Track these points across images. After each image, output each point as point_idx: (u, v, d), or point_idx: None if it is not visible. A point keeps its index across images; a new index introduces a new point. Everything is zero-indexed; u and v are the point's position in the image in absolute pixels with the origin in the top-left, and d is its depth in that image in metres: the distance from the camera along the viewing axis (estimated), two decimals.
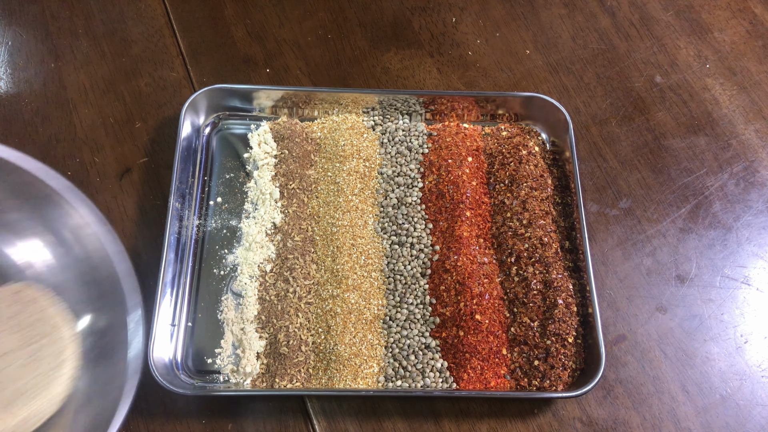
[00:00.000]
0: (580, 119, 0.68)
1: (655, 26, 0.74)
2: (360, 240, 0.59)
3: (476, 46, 0.72)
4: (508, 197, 0.61)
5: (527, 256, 0.57)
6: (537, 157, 0.62)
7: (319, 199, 0.61)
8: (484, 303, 0.55)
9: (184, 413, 0.54)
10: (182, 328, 0.56)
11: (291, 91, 0.64)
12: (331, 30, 0.73)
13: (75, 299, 0.48)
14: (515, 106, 0.65)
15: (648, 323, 0.58)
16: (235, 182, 0.63)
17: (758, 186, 0.65)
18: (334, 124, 0.65)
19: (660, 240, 0.62)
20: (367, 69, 0.71)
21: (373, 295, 0.57)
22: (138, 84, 0.68)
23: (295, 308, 0.56)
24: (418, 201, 0.61)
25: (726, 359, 0.56)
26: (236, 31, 0.72)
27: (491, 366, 0.54)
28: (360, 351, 0.54)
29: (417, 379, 0.54)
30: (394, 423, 0.54)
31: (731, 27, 0.74)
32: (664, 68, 0.71)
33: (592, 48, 0.72)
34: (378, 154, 0.64)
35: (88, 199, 0.48)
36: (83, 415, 0.43)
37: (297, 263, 0.58)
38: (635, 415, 0.54)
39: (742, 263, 0.61)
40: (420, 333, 0.56)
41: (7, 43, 0.70)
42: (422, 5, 0.75)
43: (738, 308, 0.59)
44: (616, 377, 0.56)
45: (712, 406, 0.55)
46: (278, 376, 0.53)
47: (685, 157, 0.66)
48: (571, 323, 0.54)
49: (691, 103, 0.69)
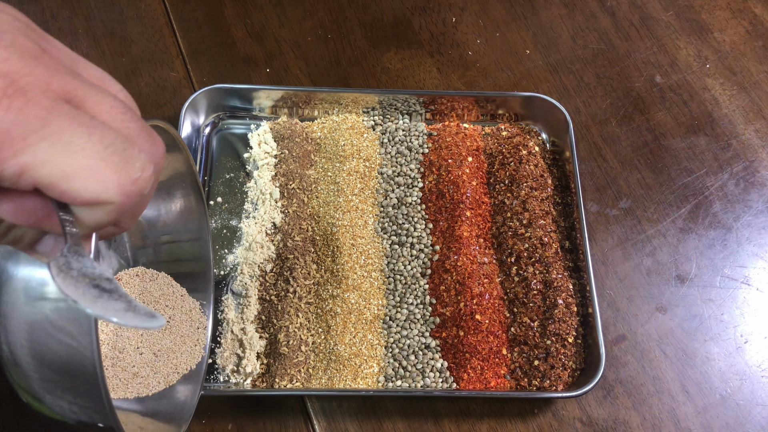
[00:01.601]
0: (580, 119, 0.68)
1: (655, 26, 0.74)
2: (360, 240, 0.59)
3: (476, 46, 0.72)
4: (508, 197, 0.61)
5: (527, 256, 0.57)
6: (537, 157, 0.62)
7: (319, 199, 0.61)
8: (484, 303, 0.55)
9: None
10: None
11: (291, 91, 0.64)
12: (331, 30, 0.73)
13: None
14: (515, 106, 0.65)
15: (648, 323, 0.58)
16: (235, 182, 0.63)
17: (758, 186, 0.65)
18: (334, 124, 0.65)
19: (660, 240, 0.62)
20: (367, 69, 0.71)
21: (373, 295, 0.57)
22: (138, 84, 0.68)
23: (295, 308, 0.56)
24: (418, 201, 0.61)
25: (726, 359, 0.56)
26: (236, 31, 0.72)
27: (491, 366, 0.54)
28: (360, 351, 0.54)
29: (417, 379, 0.54)
30: (394, 423, 0.54)
31: (731, 27, 0.74)
32: (664, 68, 0.71)
33: (592, 48, 0.72)
34: (378, 154, 0.64)
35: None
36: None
37: (297, 263, 0.58)
38: (635, 415, 0.54)
39: (742, 263, 0.61)
40: (420, 333, 0.56)
41: None
42: (422, 5, 0.75)
43: (738, 308, 0.59)
44: (616, 377, 0.56)
45: (712, 406, 0.55)
46: (278, 376, 0.53)
47: (685, 157, 0.66)
48: (571, 323, 0.54)
49: (691, 103, 0.69)
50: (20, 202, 0.25)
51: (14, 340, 0.31)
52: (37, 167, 0.23)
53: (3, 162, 0.23)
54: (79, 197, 0.24)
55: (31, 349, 0.31)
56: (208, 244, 0.52)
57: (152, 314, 0.25)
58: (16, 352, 0.31)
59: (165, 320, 0.25)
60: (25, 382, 0.32)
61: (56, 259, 0.25)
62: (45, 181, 0.24)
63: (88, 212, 0.25)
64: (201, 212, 0.51)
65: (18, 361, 0.31)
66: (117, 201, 0.25)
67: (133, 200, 0.26)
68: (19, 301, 0.31)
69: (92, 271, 0.25)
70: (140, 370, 0.43)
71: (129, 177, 0.25)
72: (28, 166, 0.23)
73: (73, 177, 0.24)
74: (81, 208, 0.25)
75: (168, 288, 0.48)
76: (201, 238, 0.52)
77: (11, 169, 0.23)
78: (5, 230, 0.27)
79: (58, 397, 0.31)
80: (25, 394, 0.32)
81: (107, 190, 0.25)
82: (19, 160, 0.23)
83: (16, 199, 0.25)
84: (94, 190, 0.24)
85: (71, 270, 0.25)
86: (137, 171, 0.25)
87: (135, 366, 0.43)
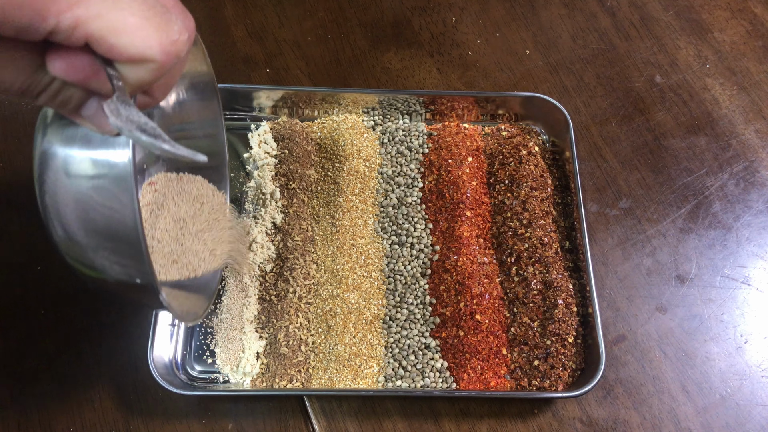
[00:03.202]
0: (580, 119, 0.68)
1: (655, 26, 0.74)
2: (360, 240, 0.59)
3: (476, 46, 0.72)
4: (508, 197, 0.61)
5: (527, 256, 0.57)
6: (537, 157, 0.62)
7: (319, 199, 0.61)
8: (484, 303, 0.55)
9: (184, 413, 0.54)
10: (182, 328, 0.56)
11: (291, 91, 0.64)
12: (331, 30, 0.73)
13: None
14: (515, 106, 0.65)
15: (648, 323, 0.58)
16: (235, 182, 0.63)
17: (758, 186, 0.65)
18: (334, 124, 0.65)
19: (660, 240, 0.62)
20: (367, 69, 0.71)
21: (373, 295, 0.57)
22: None
23: (295, 308, 0.56)
24: (418, 201, 0.61)
25: (726, 359, 0.56)
26: (236, 31, 0.72)
27: (491, 366, 0.54)
28: (360, 351, 0.54)
29: (417, 379, 0.54)
30: (394, 423, 0.54)
31: (731, 27, 0.74)
32: (664, 68, 0.71)
33: (592, 48, 0.72)
34: (378, 154, 0.64)
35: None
36: None
37: (297, 263, 0.58)
38: (635, 415, 0.54)
39: (742, 263, 0.61)
40: (420, 333, 0.56)
41: None
42: (422, 5, 0.75)
43: (738, 308, 0.59)
44: (616, 377, 0.56)
45: (712, 406, 0.55)
46: (278, 376, 0.53)
47: (685, 157, 0.66)
48: (571, 323, 0.54)
49: (691, 103, 0.69)
50: (72, 59, 0.28)
51: (65, 217, 0.34)
52: (89, 21, 0.26)
53: (59, 14, 0.25)
54: (125, 52, 0.27)
55: (80, 221, 0.34)
56: (224, 140, 0.55)
57: (195, 152, 0.29)
58: (67, 228, 0.34)
59: (206, 158, 0.31)
60: (78, 253, 0.35)
61: (108, 104, 0.28)
62: (96, 34, 0.26)
63: (131, 69, 0.28)
64: (216, 110, 0.53)
65: (71, 237, 0.35)
66: (158, 60, 0.28)
67: (172, 61, 0.29)
68: (64, 180, 0.34)
69: (138, 118, 0.28)
70: (179, 258, 0.47)
71: (169, 38, 0.28)
72: (81, 19, 0.26)
73: (121, 32, 0.27)
74: (125, 66, 0.28)
75: (204, 189, 0.52)
76: (217, 134, 0.54)
77: (66, 21, 0.26)
78: (55, 92, 0.30)
79: (105, 259, 0.35)
80: (78, 265, 0.36)
81: (150, 47, 0.28)
82: (74, 13, 0.26)
83: (68, 57, 0.28)
84: (139, 47, 0.27)
85: (121, 114, 0.28)
86: (176, 33, 0.28)
87: (174, 253, 0.46)
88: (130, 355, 0.55)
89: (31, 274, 0.58)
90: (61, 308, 0.57)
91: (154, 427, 0.53)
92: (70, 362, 0.55)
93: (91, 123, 0.32)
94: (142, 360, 0.52)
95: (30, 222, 0.60)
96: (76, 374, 0.55)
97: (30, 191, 0.64)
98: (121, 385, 0.54)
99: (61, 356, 0.55)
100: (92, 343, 0.56)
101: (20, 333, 0.56)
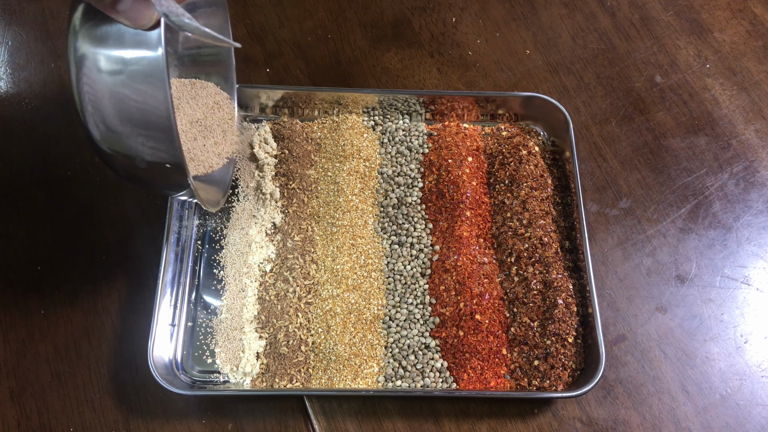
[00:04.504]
0: (580, 119, 0.68)
1: (655, 26, 0.74)
2: (360, 240, 0.59)
3: (476, 46, 0.72)
4: (508, 197, 0.61)
5: (527, 256, 0.57)
6: (537, 157, 0.62)
7: (319, 199, 0.61)
8: (484, 303, 0.55)
9: (184, 413, 0.54)
10: (182, 328, 0.56)
11: (291, 91, 0.64)
12: (331, 30, 0.73)
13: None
14: (515, 106, 0.65)
15: (648, 323, 0.58)
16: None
17: (758, 186, 0.65)
18: (334, 124, 0.65)
19: (660, 240, 0.62)
20: (367, 69, 0.71)
21: (373, 295, 0.57)
22: None
23: (295, 308, 0.56)
24: (418, 201, 0.61)
25: (726, 359, 0.56)
26: (236, 31, 0.72)
27: (491, 366, 0.54)
28: (360, 351, 0.54)
29: (417, 379, 0.54)
30: (394, 423, 0.54)
31: (731, 27, 0.74)
32: (664, 68, 0.71)
33: (592, 48, 0.72)
34: (378, 154, 0.64)
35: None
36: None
37: (297, 263, 0.58)
38: (635, 415, 0.54)
39: (742, 263, 0.61)
40: (420, 333, 0.56)
41: (7, 43, 0.70)
42: (422, 5, 0.75)
43: (738, 308, 0.59)
44: (616, 377, 0.56)
45: (712, 406, 0.55)
46: (278, 376, 0.53)
47: (685, 157, 0.66)
48: (571, 323, 0.54)
49: (691, 103, 0.69)
50: None
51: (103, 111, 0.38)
52: None
53: None
54: None
55: (116, 112, 0.38)
56: (231, 48, 0.58)
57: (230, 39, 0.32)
58: (106, 120, 0.38)
59: (240, 45, 0.38)
60: (116, 142, 0.40)
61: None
62: None
63: None
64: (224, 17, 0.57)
65: (109, 128, 0.39)
66: None
67: None
68: (99, 77, 0.37)
69: (176, 10, 0.33)
70: (196, 156, 0.53)
71: None
72: None
73: None
74: None
75: (216, 96, 0.57)
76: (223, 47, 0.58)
77: None
78: None
79: (140, 144, 0.39)
80: (114, 153, 0.40)
81: None
82: None
83: None
84: None
85: (163, 4, 0.32)
86: None
87: (191, 151, 0.52)
88: (130, 355, 0.55)
89: (31, 274, 0.58)
90: (61, 308, 0.57)
91: (154, 427, 0.53)
92: (70, 362, 0.55)
93: (125, 18, 0.34)
94: (142, 360, 0.52)
95: (30, 222, 0.60)
96: (75, 374, 0.55)
97: (30, 191, 0.65)
98: (121, 385, 0.54)
99: (61, 356, 0.55)
100: (92, 343, 0.56)
101: (20, 333, 0.56)
